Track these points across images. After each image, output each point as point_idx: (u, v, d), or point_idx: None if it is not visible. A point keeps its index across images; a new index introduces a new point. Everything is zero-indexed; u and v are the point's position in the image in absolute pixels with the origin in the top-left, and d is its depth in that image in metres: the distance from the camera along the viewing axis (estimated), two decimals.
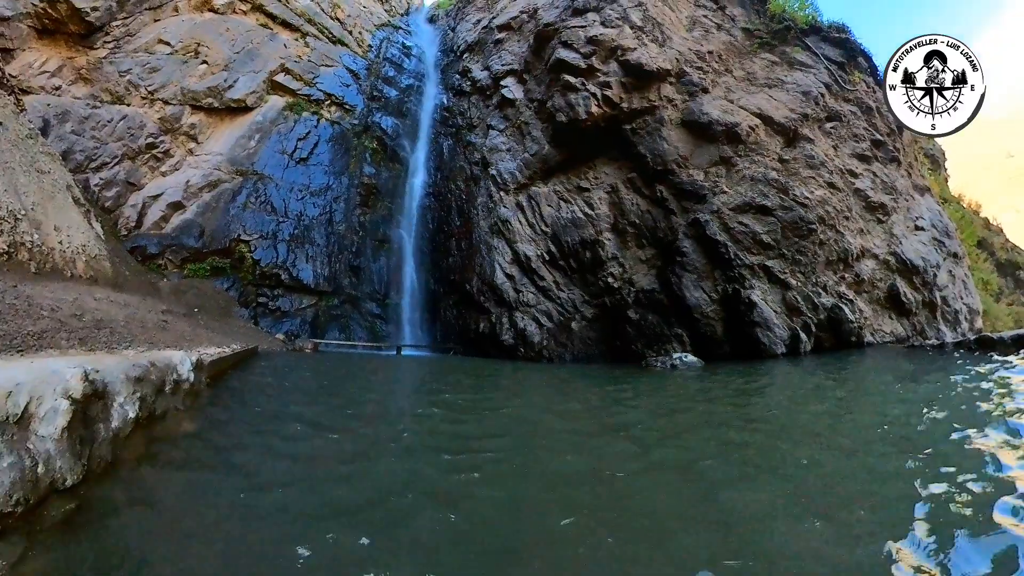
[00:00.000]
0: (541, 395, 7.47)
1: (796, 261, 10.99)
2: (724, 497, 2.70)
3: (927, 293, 12.04)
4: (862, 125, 12.74)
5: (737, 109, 12.02)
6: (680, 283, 11.84)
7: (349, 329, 16.01)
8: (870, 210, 12.17)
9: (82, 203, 8.29)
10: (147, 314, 6.69)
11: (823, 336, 10.89)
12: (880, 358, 9.32)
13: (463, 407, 5.89)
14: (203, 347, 5.97)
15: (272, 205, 16.09)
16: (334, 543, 2.13)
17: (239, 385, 5.79)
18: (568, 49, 13.09)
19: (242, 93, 17.00)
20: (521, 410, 5.92)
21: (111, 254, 9.12)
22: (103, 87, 14.48)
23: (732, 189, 11.48)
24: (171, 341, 5.61)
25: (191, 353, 4.43)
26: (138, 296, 8.38)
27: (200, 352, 4.99)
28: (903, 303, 11.60)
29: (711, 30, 13.49)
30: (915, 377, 6.77)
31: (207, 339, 7.24)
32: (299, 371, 7.83)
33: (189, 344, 5.86)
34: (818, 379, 7.70)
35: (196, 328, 8.33)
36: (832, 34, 13.26)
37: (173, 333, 6.35)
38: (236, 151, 16.38)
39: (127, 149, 14.13)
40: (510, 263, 14.26)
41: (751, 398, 6.60)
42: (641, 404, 6.31)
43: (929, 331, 12.09)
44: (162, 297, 10.58)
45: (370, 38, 23.00)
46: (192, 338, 6.70)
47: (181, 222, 14.12)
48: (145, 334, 5.29)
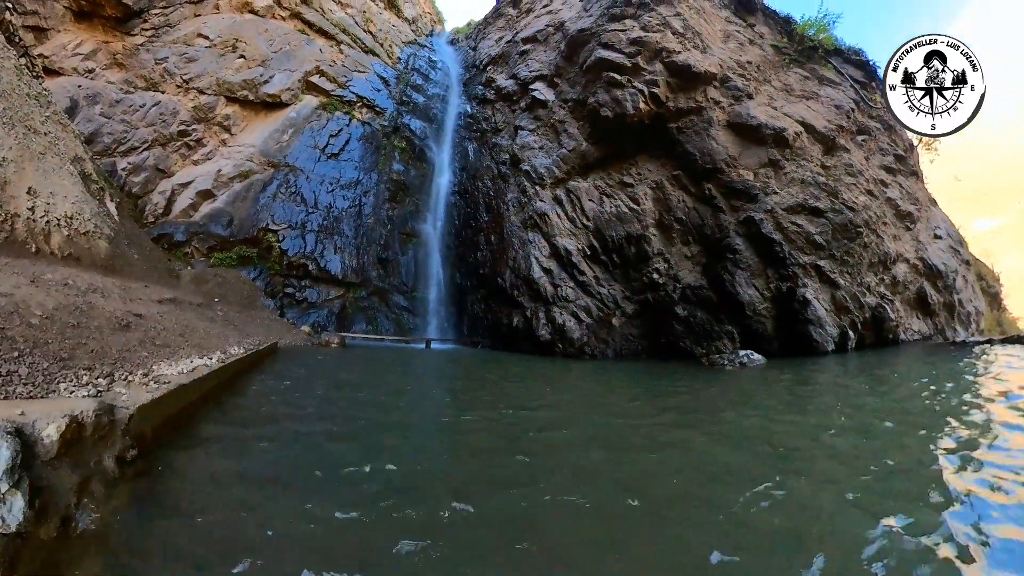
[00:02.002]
0: (664, 405, 5.56)
1: (844, 262, 10.34)
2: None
3: (948, 295, 11.90)
4: (886, 140, 12.45)
5: (782, 116, 11.28)
6: (733, 280, 10.48)
7: (376, 321, 14.30)
8: (900, 218, 11.79)
9: (95, 179, 6.75)
10: (130, 304, 4.86)
11: (866, 334, 10.55)
12: (926, 355, 9.20)
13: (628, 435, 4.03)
14: (178, 359, 3.86)
15: (302, 196, 14.56)
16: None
17: (216, 433, 3.16)
18: (609, 49, 11.74)
19: (277, 89, 15.64)
20: (680, 433, 4.05)
21: (124, 237, 7.49)
22: (138, 73, 13.10)
23: (783, 190, 10.62)
24: (132, 344, 3.70)
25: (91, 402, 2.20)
26: (141, 283, 6.68)
27: (149, 377, 3.02)
28: (929, 304, 11.45)
29: (744, 44, 12.72)
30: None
31: (204, 338, 5.33)
32: (322, 378, 5.98)
33: (161, 351, 3.87)
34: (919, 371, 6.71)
35: (200, 321, 6.49)
36: (852, 56, 13.19)
37: (147, 331, 4.26)
38: (269, 144, 14.93)
39: (158, 135, 12.67)
40: (547, 257, 12.54)
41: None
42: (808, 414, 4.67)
43: (948, 330, 11.91)
44: (179, 286, 8.94)
45: (399, 51, 22.06)
46: (179, 338, 4.69)
47: (210, 210, 12.57)
48: (92, 337, 3.38)
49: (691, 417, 4.81)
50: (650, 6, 11.68)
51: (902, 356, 9.25)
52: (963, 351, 8.75)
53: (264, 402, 4.06)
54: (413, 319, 14.85)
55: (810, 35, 12.34)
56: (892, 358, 9.03)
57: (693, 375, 8.38)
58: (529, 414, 4.70)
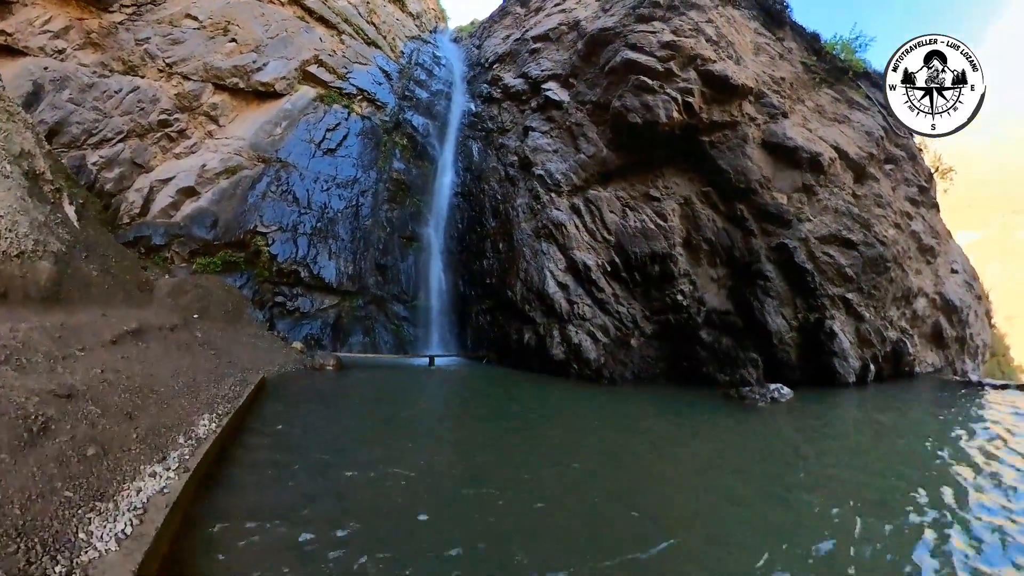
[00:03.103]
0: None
1: (871, 295, 10.04)
2: None
3: (961, 330, 11.79)
4: (911, 170, 12.02)
5: (817, 139, 10.66)
6: (762, 308, 10.00)
7: (374, 333, 13.27)
8: (922, 251, 11.48)
9: (49, 179, 5.60)
10: (61, 369, 3.54)
11: (884, 366, 10.35)
12: (944, 394, 8.92)
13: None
14: (121, 486, 2.54)
15: (295, 195, 13.43)
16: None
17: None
18: (638, 51, 10.82)
19: (271, 77, 14.44)
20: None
21: (82, 248, 6.38)
22: (115, 55, 11.84)
23: (816, 218, 10.14)
24: (43, 481, 2.31)
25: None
26: (96, 311, 5.54)
27: (73, 564, 1.88)
28: (943, 338, 11.34)
29: (775, 58, 11.96)
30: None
31: (167, 403, 4.05)
32: (316, 439, 4.92)
33: (94, 476, 2.51)
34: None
35: (168, 361, 5.18)
36: (879, 81, 12.48)
37: (77, 428, 2.73)
38: (260, 137, 13.76)
39: (135, 125, 11.45)
40: (563, 271, 11.62)
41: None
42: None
43: (957, 362, 11.83)
44: (152, 302, 7.79)
45: (402, 46, 20.98)
46: (127, 424, 3.26)
47: (193, 210, 11.41)
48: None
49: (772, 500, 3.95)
50: (680, 10, 10.77)
51: (923, 394, 9.09)
52: (979, 394, 8.58)
53: (239, 507, 3.01)
54: (414, 330, 13.85)
55: (839, 56, 11.67)
56: (915, 397, 8.90)
57: (727, 411, 7.88)
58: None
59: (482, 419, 6.59)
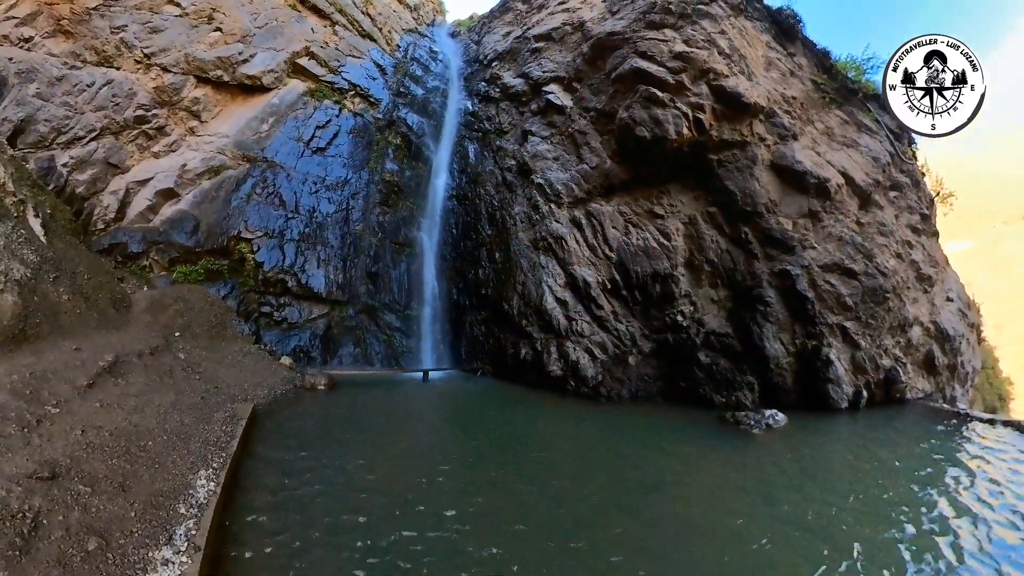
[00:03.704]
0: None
1: (868, 324, 10.22)
2: None
3: (952, 358, 12.02)
4: (914, 198, 12.09)
5: (825, 164, 10.66)
6: (761, 333, 10.12)
7: (365, 343, 13.04)
8: (920, 280, 11.62)
9: (8, 189, 5.28)
10: (37, 446, 3.18)
11: (876, 392, 10.54)
12: (935, 424, 9.06)
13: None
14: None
15: (281, 198, 13.00)
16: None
17: None
18: (648, 60, 10.59)
19: (258, 70, 13.84)
20: None
21: (51, 268, 5.99)
22: (88, 44, 11.15)
23: (820, 245, 10.21)
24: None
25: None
26: (69, 345, 5.18)
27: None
28: (935, 365, 11.55)
29: (786, 75, 11.85)
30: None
31: (158, 461, 3.79)
32: (312, 488, 4.65)
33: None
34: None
35: (154, 395, 4.97)
36: (888, 104, 12.18)
37: (67, 521, 2.50)
38: (245, 134, 13.23)
39: (110, 122, 10.85)
40: (563, 287, 11.54)
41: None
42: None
43: (947, 388, 12.15)
44: (129, 321, 7.41)
45: (398, 39, 20.37)
46: (116, 494, 3.01)
47: (173, 214, 10.92)
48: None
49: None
50: (693, 18, 10.59)
51: (913, 426, 9.33)
52: (967, 427, 8.81)
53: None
54: (406, 341, 13.65)
55: (849, 76, 11.64)
56: (905, 429, 9.15)
57: (722, 438, 8.13)
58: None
59: (482, 457, 6.50)
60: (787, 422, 8.96)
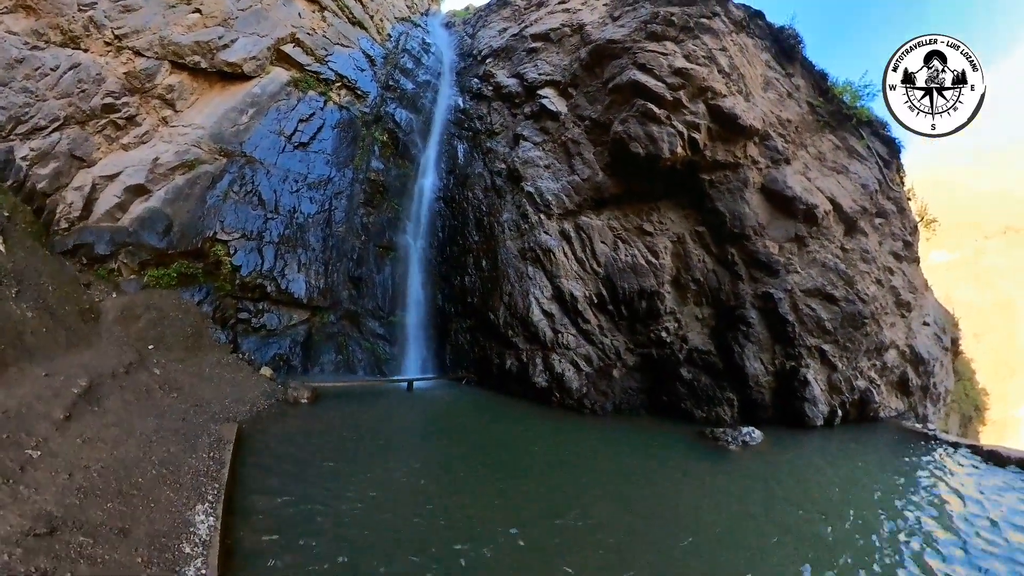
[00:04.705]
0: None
1: (845, 348, 10.86)
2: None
3: (926, 379, 12.75)
4: (898, 224, 12.75)
5: (815, 190, 11.18)
6: (743, 352, 10.69)
7: (347, 351, 12.99)
8: (899, 305, 12.28)
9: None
10: (9, 451, 3.30)
11: (851, 411, 11.20)
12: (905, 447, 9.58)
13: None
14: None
15: (260, 196, 12.70)
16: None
17: None
18: (647, 73, 10.78)
19: (240, 57, 13.35)
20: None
21: (12, 281, 5.78)
22: (52, 22, 10.54)
23: (804, 270, 10.77)
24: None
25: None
26: (37, 373, 4.96)
27: None
28: (909, 387, 12.24)
29: (784, 96, 12.25)
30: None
31: (153, 502, 3.70)
32: (313, 512, 4.76)
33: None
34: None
35: (135, 419, 4.89)
36: (879, 130, 13.27)
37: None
38: (223, 126, 12.81)
39: (75, 110, 10.34)
40: (550, 299, 11.81)
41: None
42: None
43: (919, 407, 12.90)
44: (100, 335, 7.18)
45: (390, 27, 19.89)
46: (111, 559, 2.87)
47: (143, 212, 10.54)
48: None
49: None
50: (695, 32, 10.84)
51: (883, 447, 9.90)
52: (932, 449, 9.50)
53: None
54: (390, 348, 13.66)
55: (845, 101, 12.13)
56: (875, 450, 9.73)
57: (700, 455, 8.71)
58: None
59: (469, 474, 6.72)
60: (763, 439, 9.51)
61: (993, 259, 52.21)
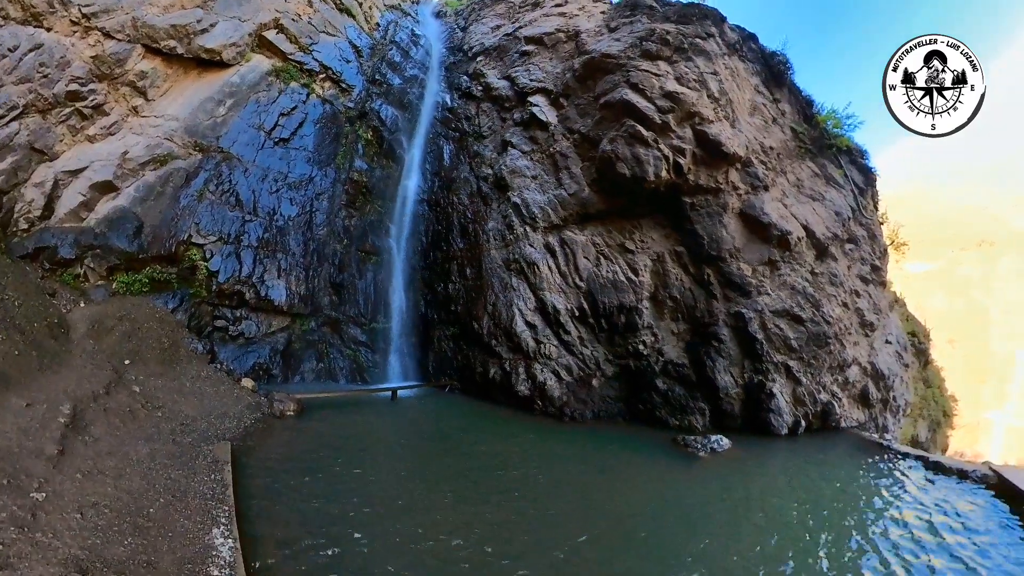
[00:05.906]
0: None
1: (810, 364, 11.75)
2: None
3: (886, 393, 13.95)
4: (867, 249, 13.71)
5: (790, 217, 12.01)
6: (714, 366, 11.57)
7: (329, 358, 12.97)
8: (863, 326, 13.30)
9: None
10: (14, 496, 3.36)
11: (814, 422, 12.16)
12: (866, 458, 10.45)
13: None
14: None
15: (238, 196, 12.40)
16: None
17: None
18: (638, 93, 11.26)
19: (219, 43, 12.84)
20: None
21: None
22: None
23: (774, 292, 11.63)
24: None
25: None
26: (13, 398, 4.60)
27: None
28: (869, 400, 13.39)
29: (769, 122, 12.99)
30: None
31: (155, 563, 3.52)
32: (321, 532, 4.93)
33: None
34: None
35: (122, 447, 4.89)
36: (857, 158, 14.09)
37: None
38: (198, 117, 12.37)
39: (36, 97, 9.75)
40: (533, 311, 12.27)
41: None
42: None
43: (880, 418, 14.15)
44: (71, 351, 6.91)
45: (379, 16, 19.42)
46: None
47: (111, 211, 10.12)
48: None
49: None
50: (688, 54, 11.37)
51: (843, 457, 10.82)
52: (886, 460, 10.48)
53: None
54: (372, 355, 13.72)
55: (828, 128, 12.96)
56: (835, 459, 10.67)
57: (671, 461, 9.50)
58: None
59: (459, 488, 7.08)
60: (730, 446, 10.33)
61: (967, 270, 56.79)
